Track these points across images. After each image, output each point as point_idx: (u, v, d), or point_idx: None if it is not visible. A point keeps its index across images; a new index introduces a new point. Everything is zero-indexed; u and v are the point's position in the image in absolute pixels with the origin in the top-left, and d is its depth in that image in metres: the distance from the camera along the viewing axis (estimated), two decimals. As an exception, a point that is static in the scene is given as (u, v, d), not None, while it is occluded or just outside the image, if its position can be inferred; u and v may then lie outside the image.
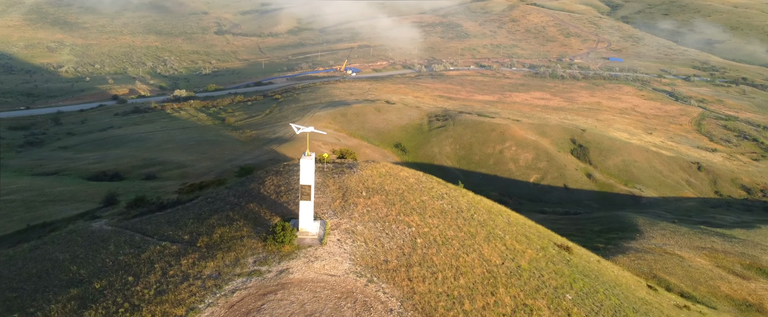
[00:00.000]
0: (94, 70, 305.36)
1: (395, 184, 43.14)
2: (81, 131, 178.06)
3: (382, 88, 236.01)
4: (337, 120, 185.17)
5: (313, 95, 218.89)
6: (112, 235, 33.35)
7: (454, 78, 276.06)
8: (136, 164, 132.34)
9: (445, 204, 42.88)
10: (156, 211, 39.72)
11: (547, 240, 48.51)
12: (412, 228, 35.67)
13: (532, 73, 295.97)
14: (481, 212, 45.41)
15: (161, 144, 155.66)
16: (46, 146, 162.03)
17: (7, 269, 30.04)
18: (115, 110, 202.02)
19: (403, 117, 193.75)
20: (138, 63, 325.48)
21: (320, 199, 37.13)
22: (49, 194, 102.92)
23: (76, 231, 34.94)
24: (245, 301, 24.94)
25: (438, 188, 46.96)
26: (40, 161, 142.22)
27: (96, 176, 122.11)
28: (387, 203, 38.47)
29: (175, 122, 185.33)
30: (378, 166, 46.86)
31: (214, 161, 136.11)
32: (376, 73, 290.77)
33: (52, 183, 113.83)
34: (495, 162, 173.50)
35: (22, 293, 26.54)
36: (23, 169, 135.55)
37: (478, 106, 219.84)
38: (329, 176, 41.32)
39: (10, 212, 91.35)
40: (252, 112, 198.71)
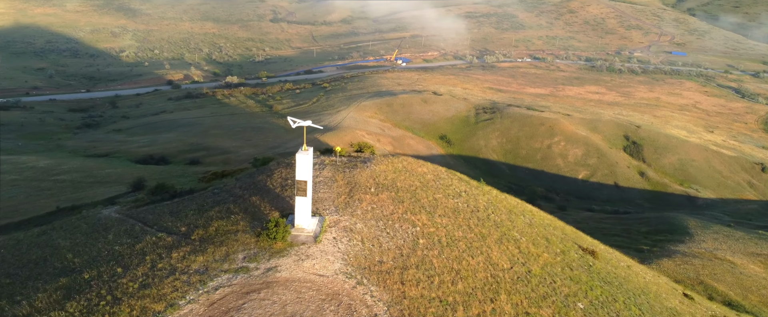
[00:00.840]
0: (153, 56, 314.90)
1: (409, 180, 41.87)
2: (135, 114, 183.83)
3: (430, 78, 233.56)
4: (383, 110, 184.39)
5: (360, 84, 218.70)
6: (115, 224, 33.60)
7: (506, 70, 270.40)
8: (182, 149, 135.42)
9: (460, 203, 41.34)
10: (169, 199, 39.86)
11: (570, 243, 46.26)
12: (416, 228, 34.40)
13: (587, 67, 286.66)
14: (500, 212, 43.62)
15: (209, 130, 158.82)
16: (102, 129, 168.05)
17: (10, 253, 30.72)
18: (169, 95, 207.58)
19: (449, 109, 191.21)
20: (195, 49, 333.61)
21: (325, 194, 36.31)
22: (96, 176, 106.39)
23: (85, 218, 35.46)
24: (226, 299, 24.40)
25: (457, 186, 45.41)
26: (94, 143, 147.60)
27: (144, 159, 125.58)
28: (395, 200, 37.29)
29: (224, 108, 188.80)
30: (395, 161, 45.65)
31: (258, 148, 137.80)
32: (426, 63, 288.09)
33: (102, 165, 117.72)
34: (542, 157, 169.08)
35: (16, 279, 27.00)
36: (78, 150, 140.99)
37: (528, 99, 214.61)
38: (340, 171, 40.43)
39: (58, 192, 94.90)
40: (299, 100, 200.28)
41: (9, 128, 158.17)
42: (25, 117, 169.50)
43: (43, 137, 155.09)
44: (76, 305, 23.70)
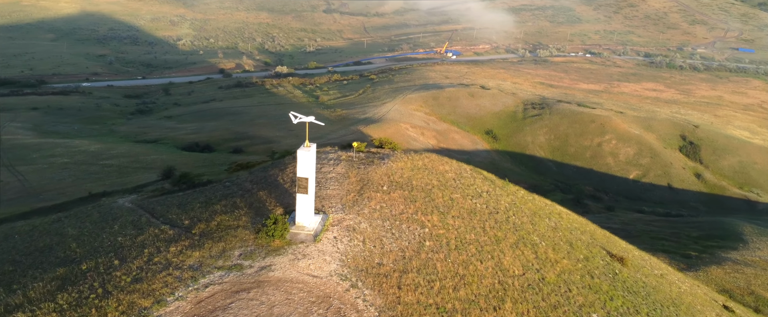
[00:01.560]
0: (208, 44, 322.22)
1: (427, 179, 40.64)
2: (186, 101, 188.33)
3: (479, 72, 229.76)
4: (429, 103, 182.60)
5: (408, 76, 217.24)
6: (124, 214, 33.86)
7: (559, 64, 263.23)
8: (227, 137, 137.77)
9: (479, 204, 39.85)
10: (187, 189, 39.99)
11: (597, 249, 44.05)
12: (425, 229, 33.22)
13: (646, 63, 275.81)
14: (523, 214, 41.88)
15: (255, 119, 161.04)
16: (154, 115, 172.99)
17: (22, 239, 31.41)
18: (220, 84, 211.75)
19: (497, 103, 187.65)
20: (248, 39, 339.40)
21: (334, 191, 35.54)
22: (142, 162, 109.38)
23: (100, 206, 35.97)
24: (215, 298, 23.99)
25: (479, 186, 43.86)
26: (144, 129, 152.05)
27: (189, 146, 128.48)
28: (407, 199, 36.18)
29: (271, 98, 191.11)
30: (415, 158, 44.45)
31: (299, 138, 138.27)
32: (477, 56, 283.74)
33: (148, 151, 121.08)
34: (592, 155, 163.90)
35: (19, 267, 27.48)
36: (129, 135, 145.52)
37: (580, 95, 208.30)
38: (354, 167, 39.57)
39: (104, 176, 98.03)
40: (346, 91, 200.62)
41: (68, 112, 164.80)
42: (83, 102, 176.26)
43: (98, 122, 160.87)
44: (67, 297, 23.78)
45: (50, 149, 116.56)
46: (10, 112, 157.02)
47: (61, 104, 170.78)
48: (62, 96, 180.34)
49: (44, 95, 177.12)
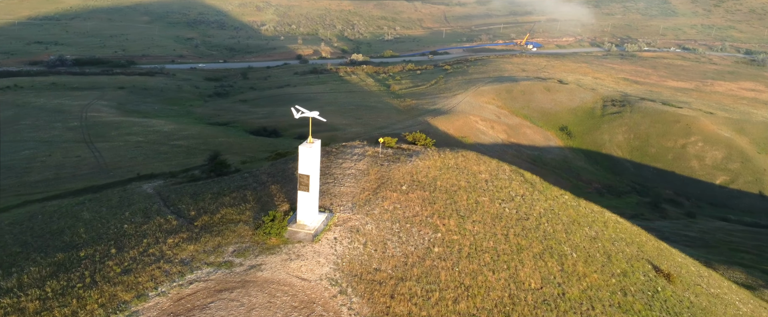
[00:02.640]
0: (290, 30, 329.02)
1: (454, 179, 38.72)
2: (261, 86, 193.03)
3: (559, 66, 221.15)
4: (501, 96, 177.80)
5: (483, 68, 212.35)
6: (140, 200, 34.33)
7: (647, 60, 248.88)
8: (294, 123, 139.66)
9: (508, 208, 37.56)
10: (215, 177, 40.20)
11: (641, 264, 40.63)
12: (437, 234, 31.51)
13: (746, 60, 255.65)
14: (558, 222, 39.17)
15: (324, 106, 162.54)
16: (230, 98, 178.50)
17: (42, 221, 32.49)
18: (296, 70, 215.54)
19: (574, 99, 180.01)
20: (329, 26, 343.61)
21: (348, 188, 34.43)
22: (210, 144, 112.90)
23: (124, 191, 36.75)
24: (196, 296, 23.56)
25: (514, 189, 41.41)
26: (219, 111, 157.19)
27: (257, 130, 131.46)
28: (426, 201, 34.52)
29: (343, 85, 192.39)
30: (448, 156, 42.54)
31: (366, 127, 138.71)
32: (559, 49, 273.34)
33: (218, 133, 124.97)
34: (674, 157, 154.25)
35: (26, 249, 28.31)
36: (203, 117, 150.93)
37: (667, 93, 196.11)
38: (377, 164, 38.27)
39: (172, 156, 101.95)
40: (418, 81, 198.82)
41: (151, 92, 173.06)
42: (165, 83, 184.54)
43: (177, 103, 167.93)
44: (55, 284, 24.09)
45: (128, 128, 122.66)
46: (99, 90, 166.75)
47: (146, 85, 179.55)
48: (148, 77, 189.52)
49: (132, 76, 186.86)
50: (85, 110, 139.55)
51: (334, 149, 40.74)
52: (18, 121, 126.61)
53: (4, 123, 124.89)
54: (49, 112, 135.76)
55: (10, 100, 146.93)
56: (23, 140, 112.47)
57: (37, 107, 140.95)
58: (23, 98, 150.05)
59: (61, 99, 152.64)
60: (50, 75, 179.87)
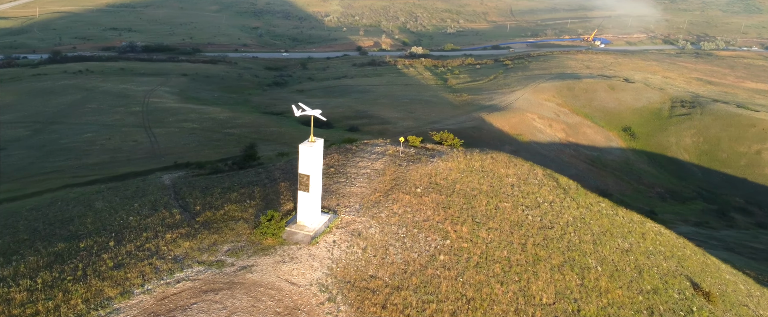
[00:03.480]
0: (353, 22, 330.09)
1: (477, 183, 37.03)
2: (319, 77, 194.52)
3: (627, 63, 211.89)
4: (562, 94, 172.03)
5: (545, 64, 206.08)
6: (154, 192, 34.53)
7: (724, 59, 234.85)
8: (347, 115, 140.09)
9: (532, 216, 35.59)
10: (238, 170, 40.10)
11: (679, 280, 37.84)
12: (446, 241, 30.06)
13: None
14: (587, 232, 36.88)
15: (378, 98, 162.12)
16: (287, 88, 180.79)
17: (59, 208, 33.13)
18: (354, 61, 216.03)
19: (639, 98, 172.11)
20: (392, 17, 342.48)
21: (360, 189, 33.41)
22: (260, 133, 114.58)
23: (144, 181, 37.17)
24: (181, 295, 23.20)
25: (543, 195, 39.27)
26: (274, 101, 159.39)
27: (309, 121, 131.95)
28: (440, 205, 33.08)
29: (400, 78, 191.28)
30: (474, 158, 40.78)
31: (418, 121, 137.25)
32: (629, 46, 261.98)
33: (271, 123, 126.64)
34: (747, 164, 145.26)
35: (34, 237, 28.83)
36: (259, 106, 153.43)
37: (743, 95, 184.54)
38: (395, 164, 37.06)
39: (223, 144, 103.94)
40: (476, 76, 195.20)
41: (212, 80, 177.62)
42: (226, 71, 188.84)
43: (236, 91, 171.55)
44: (47, 276, 24.26)
45: (185, 114, 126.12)
46: (163, 76, 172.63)
47: (208, 72, 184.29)
48: (211, 64, 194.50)
49: (196, 63, 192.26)
50: (147, 95, 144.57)
51: (355, 146, 39.82)
52: (84, 104, 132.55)
53: (71, 106, 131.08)
54: (114, 96, 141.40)
55: (80, 84, 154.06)
56: (87, 123, 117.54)
57: (103, 91, 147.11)
58: (92, 82, 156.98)
59: (127, 84, 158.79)
60: (120, 61, 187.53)
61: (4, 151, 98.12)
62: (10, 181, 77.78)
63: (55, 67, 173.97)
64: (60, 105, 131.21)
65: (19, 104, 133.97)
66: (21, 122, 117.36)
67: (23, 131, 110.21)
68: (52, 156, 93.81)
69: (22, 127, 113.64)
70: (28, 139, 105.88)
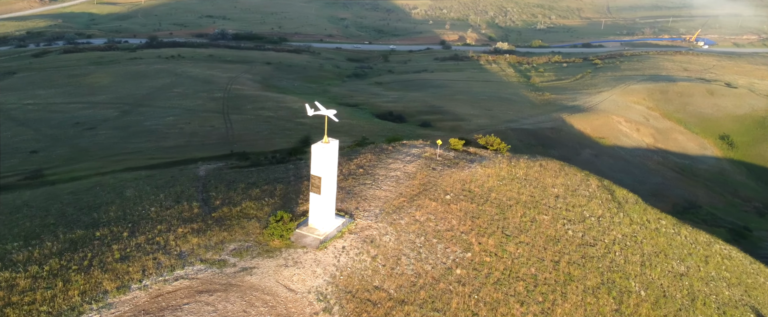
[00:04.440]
0: (440, 15, 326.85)
1: (515, 192, 34.69)
2: (399, 70, 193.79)
3: (730, 67, 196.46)
4: (653, 97, 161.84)
5: (638, 64, 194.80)
6: (184, 183, 34.68)
7: None
8: (421, 109, 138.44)
9: (572, 231, 32.91)
10: (275, 164, 39.86)
11: (741, 311, 33.93)
12: (467, 254, 28.16)
13: None
14: (636, 252, 33.70)
15: (455, 94, 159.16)
16: (366, 80, 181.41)
17: (91, 194, 33.93)
18: (436, 55, 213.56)
19: (742, 105, 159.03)
20: (481, 11, 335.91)
21: (385, 192, 32.03)
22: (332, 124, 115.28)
23: (182, 171, 37.62)
24: (176, 294, 22.85)
25: (591, 209, 36.33)
26: (352, 92, 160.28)
27: (383, 114, 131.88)
28: (468, 214, 31.15)
29: (480, 74, 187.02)
30: (517, 165, 38.34)
31: (493, 119, 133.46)
32: (736, 48, 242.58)
33: (343, 114, 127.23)
34: None
35: (60, 221, 29.57)
36: (336, 97, 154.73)
37: None
38: (429, 168, 35.36)
39: (293, 134, 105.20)
40: (562, 74, 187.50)
41: (294, 69, 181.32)
42: (309, 61, 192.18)
43: (316, 81, 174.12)
44: (55, 263, 24.61)
45: (262, 102, 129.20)
46: (248, 64, 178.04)
47: (291, 62, 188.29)
48: (294, 54, 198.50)
49: (280, 52, 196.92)
50: (230, 82, 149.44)
51: (391, 147, 38.44)
52: (171, 88, 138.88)
53: (160, 89, 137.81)
54: (200, 82, 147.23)
55: (170, 68, 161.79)
56: (171, 107, 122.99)
57: (191, 76, 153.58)
58: (182, 67, 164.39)
59: (213, 70, 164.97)
60: (210, 47, 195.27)
61: (94, 130, 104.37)
62: (92, 159, 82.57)
63: (150, 51, 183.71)
64: (150, 88, 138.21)
65: (114, 85, 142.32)
66: (113, 103, 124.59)
67: (113, 112, 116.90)
68: (134, 137, 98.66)
69: (113, 108, 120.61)
70: (117, 119, 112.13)
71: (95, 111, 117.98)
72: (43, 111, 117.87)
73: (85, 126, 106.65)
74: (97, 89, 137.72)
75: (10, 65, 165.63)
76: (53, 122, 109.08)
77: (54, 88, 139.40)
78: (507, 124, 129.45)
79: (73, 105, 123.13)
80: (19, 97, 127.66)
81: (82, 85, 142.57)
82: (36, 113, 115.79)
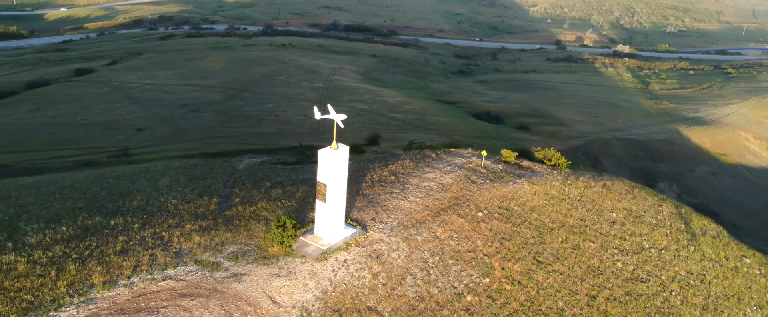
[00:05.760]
0: (560, 13, 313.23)
1: (562, 214, 31.09)
2: (507, 69, 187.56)
3: None
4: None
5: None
6: (217, 176, 34.12)
7: None
8: (521, 112, 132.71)
9: (622, 262, 28.88)
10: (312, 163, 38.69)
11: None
12: (485, 279, 25.33)
13: None
14: (700, 292, 29.02)
15: (562, 97, 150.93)
16: (470, 77, 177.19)
17: (129, 180, 34.25)
18: (549, 55, 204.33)
19: None
20: (606, 12, 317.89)
21: (410, 203, 29.72)
22: (424, 121, 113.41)
23: (224, 162, 37.46)
24: (158, 295, 22.21)
25: (653, 238, 31.84)
26: (453, 89, 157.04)
27: (480, 114, 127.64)
28: (498, 235, 28.16)
29: (593, 78, 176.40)
30: (576, 184, 34.46)
31: (598, 127, 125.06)
32: None
33: (439, 112, 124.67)
34: None
35: (86, 206, 29.81)
36: (436, 93, 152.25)
37: None
38: (467, 180, 32.53)
39: (383, 128, 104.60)
40: (686, 83, 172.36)
41: (398, 63, 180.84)
42: (414, 56, 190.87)
43: (419, 76, 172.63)
44: (59, 250, 24.77)
45: (359, 95, 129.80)
46: (354, 56, 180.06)
47: (397, 55, 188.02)
48: (401, 48, 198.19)
49: (388, 45, 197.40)
50: (333, 73, 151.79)
51: (433, 154, 35.94)
52: (276, 76, 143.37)
53: (265, 76, 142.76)
54: (304, 71, 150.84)
55: (279, 56, 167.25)
56: (272, 94, 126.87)
57: (296, 65, 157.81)
58: (290, 56, 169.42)
59: (319, 60, 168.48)
60: (320, 37, 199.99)
61: (197, 112, 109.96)
62: (188, 141, 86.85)
63: (264, 39, 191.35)
64: (256, 75, 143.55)
65: (224, 70, 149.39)
66: (220, 88, 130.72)
67: (218, 96, 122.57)
68: (231, 122, 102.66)
69: (219, 92, 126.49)
70: (220, 103, 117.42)
71: (202, 94, 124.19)
72: (158, 91, 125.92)
73: (190, 108, 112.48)
74: (209, 73, 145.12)
75: (138, 47, 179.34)
76: (163, 103, 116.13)
77: (171, 70, 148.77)
78: (613, 133, 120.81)
79: (185, 87, 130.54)
80: (139, 76, 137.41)
81: (196, 68, 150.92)
82: (151, 93, 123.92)
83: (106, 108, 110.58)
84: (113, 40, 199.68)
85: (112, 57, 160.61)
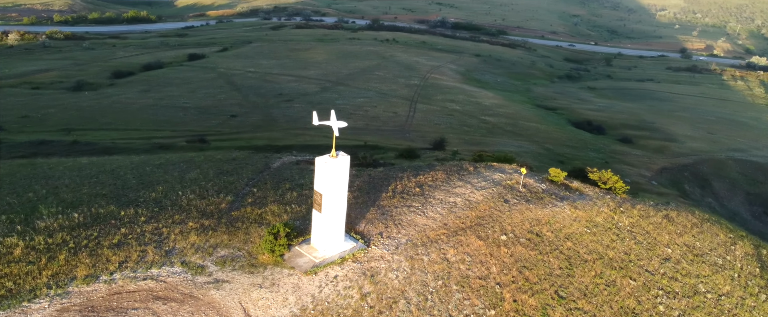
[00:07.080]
0: (691, 19, 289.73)
1: (604, 246, 27.40)
2: (619, 76, 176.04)
3: None
4: None
5: None
6: (244, 172, 32.98)
7: None
8: (626, 123, 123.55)
9: (665, 306, 24.88)
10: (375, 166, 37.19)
11: None
12: (491, 311, 22.58)
13: None
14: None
15: (676, 111, 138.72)
16: (578, 83, 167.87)
17: (164, 169, 34.15)
18: (670, 64, 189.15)
19: None
20: (746, 19, 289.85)
21: (426, 220, 27.28)
22: (516, 127, 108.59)
23: (266, 158, 36.76)
24: (132, 296, 21.45)
25: (714, 282, 27.32)
26: (555, 94, 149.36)
27: (580, 123, 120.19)
28: (518, 262, 25.19)
29: (718, 91, 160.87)
30: (627, 212, 30.41)
31: (714, 145, 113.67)
32: None
33: (534, 117, 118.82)
34: None
35: (110, 193, 29.53)
36: (536, 97, 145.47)
37: None
38: (499, 199, 29.53)
39: (472, 131, 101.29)
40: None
41: (502, 64, 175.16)
42: (521, 57, 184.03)
43: (522, 79, 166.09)
44: (59, 238, 24.88)
45: (453, 94, 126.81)
46: (456, 54, 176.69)
47: (502, 56, 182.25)
48: (508, 48, 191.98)
49: (494, 45, 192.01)
50: (431, 70, 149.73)
51: (471, 167, 33.18)
52: (374, 71, 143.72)
53: (363, 71, 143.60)
54: (402, 67, 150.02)
55: (380, 51, 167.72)
56: (367, 89, 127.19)
57: (396, 61, 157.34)
58: (391, 51, 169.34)
59: (420, 57, 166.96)
60: (426, 34, 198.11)
61: (291, 102, 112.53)
62: (273, 130, 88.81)
63: (369, 33, 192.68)
64: (354, 69, 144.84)
65: (326, 62, 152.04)
66: (317, 79, 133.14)
67: (314, 88, 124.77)
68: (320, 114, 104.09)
69: (316, 83, 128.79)
70: (314, 95, 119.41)
71: (300, 85, 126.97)
72: (259, 79, 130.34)
73: (285, 98, 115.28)
74: (310, 64, 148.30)
75: (249, 35, 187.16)
76: (262, 91, 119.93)
77: (275, 59, 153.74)
78: (729, 152, 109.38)
79: (285, 77, 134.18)
80: (244, 64, 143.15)
81: (299, 59, 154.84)
82: (252, 81, 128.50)
83: (208, 93, 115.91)
84: (229, 28, 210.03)
85: (225, 44, 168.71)
